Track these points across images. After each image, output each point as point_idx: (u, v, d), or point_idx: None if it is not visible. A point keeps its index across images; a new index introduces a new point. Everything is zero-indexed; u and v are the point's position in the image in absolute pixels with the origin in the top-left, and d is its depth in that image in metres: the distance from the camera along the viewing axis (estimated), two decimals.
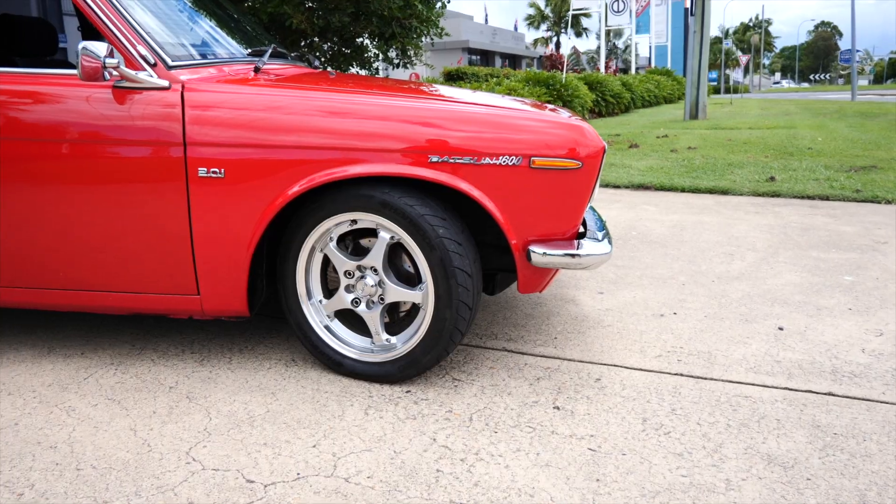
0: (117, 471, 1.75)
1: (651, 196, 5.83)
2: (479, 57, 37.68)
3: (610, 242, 2.28)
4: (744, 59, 38.11)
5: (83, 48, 1.98)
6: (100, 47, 2.00)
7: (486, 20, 43.69)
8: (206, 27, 2.72)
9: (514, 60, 42.50)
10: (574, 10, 17.33)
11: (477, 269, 2.16)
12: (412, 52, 8.93)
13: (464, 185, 2.07)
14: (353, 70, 8.94)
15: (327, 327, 2.28)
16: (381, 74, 9.30)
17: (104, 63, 2.00)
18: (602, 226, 2.50)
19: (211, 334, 2.65)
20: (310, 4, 7.97)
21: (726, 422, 1.98)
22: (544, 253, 2.11)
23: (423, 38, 8.80)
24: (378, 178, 2.11)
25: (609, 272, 3.51)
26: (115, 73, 2.07)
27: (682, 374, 2.30)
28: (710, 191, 5.93)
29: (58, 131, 2.13)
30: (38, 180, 2.17)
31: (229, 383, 2.25)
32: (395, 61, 8.95)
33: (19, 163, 2.16)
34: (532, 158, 2.06)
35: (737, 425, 1.96)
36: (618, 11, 23.92)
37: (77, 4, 2.17)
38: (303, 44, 8.13)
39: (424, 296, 2.14)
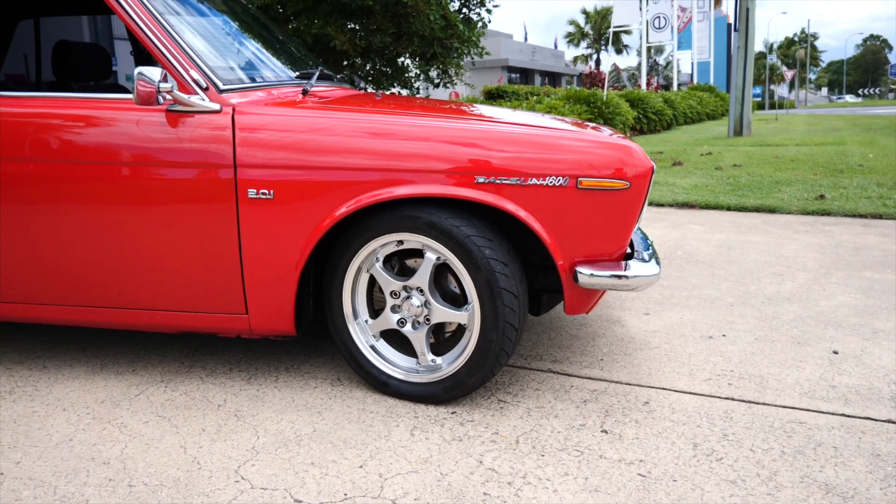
0: (168, 488, 1.78)
1: (696, 214, 5.75)
2: (518, 75, 37.77)
3: (658, 263, 2.25)
4: (789, 74, 37.49)
5: (138, 73, 2.04)
6: (154, 72, 2.05)
7: (526, 38, 43.81)
8: (255, 50, 2.78)
9: (553, 78, 42.50)
10: (615, 27, 17.26)
11: (523, 289, 2.15)
12: (453, 72, 9.00)
13: (510, 206, 2.07)
14: (395, 89, 9.04)
15: (373, 347, 2.29)
16: (422, 93, 9.37)
17: (158, 87, 2.06)
18: (648, 245, 2.47)
19: (257, 353, 2.68)
20: (352, 25, 8.11)
21: (781, 448, 1.93)
22: (591, 274, 2.09)
23: (464, 58, 8.86)
24: (424, 198, 2.12)
25: (655, 292, 3.46)
26: (168, 97, 2.12)
27: (733, 399, 2.25)
28: (758, 209, 5.82)
29: (113, 154, 2.19)
30: (93, 201, 2.23)
31: (276, 402, 2.27)
32: (436, 81, 9.03)
33: (75, 184, 2.22)
34: (579, 179, 2.05)
35: (792, 452, 1.91)
36: (659, 28, 23.77)
37: (132, 30, 2.24)
38: (345, 64, 8.25)
39: (470, 316, 2.13)
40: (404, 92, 9.11)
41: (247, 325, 2.27)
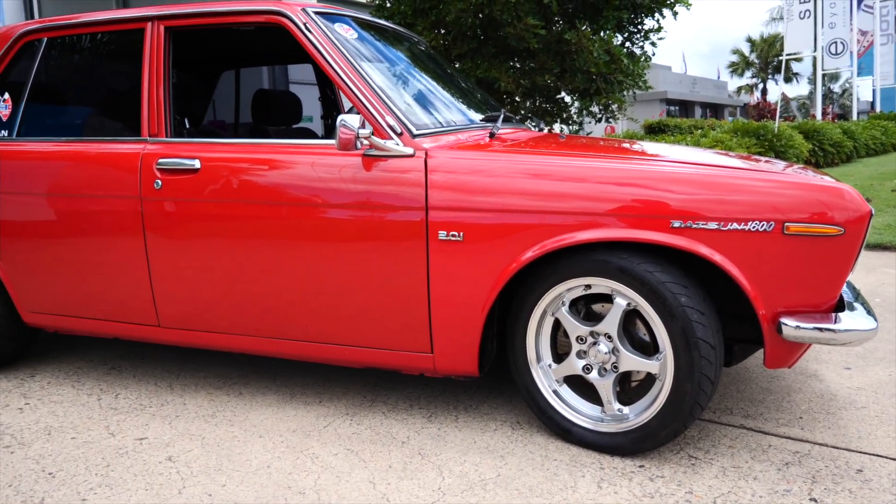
0: None
1: (892, 257, 5.23)
2: (677, 107, 36.62)
3: (874, 317, 2.05)
4: None
5: (341, 121, 2.15)
6: (354, 120, 2.16)
7: (685, 70, 42.49)
8: (440, 93, 2.86)
9: (715, 110, 40.81)
10: (787, 55, 16.31)
11: (719, 340, 2.03)
12: (615, 107, 8.85)
13: (704, 250, 1.97)
14: (556, 125, 9.03)
15: (556, 392, 2.24)
16: (585, 130, 9.28)
17: (357, 134, 2.16)
18: (857, 294, 2.26)
19: (436, 391, 2.71)
20: (514, 64, 8.21)
21: None
22: (797, 326, 1.94)
23: (627, 92, 8.70)
24: (611, 242, 2.07)
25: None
26: (365, 142, 2.22)
27: None
28: None
29: (311, 195, 2.32)
30: (289, 239, 2.37)
31: (458, 442, 2.27)
32: (598, 116, 8.91)
33: (274, 223, 2.37)
34: (785, 224, 1.91)
35: None
36: (836, 54, 22.19)
37: (333, 80, 2.38)
38: (506, 102, 8.36)
39: (662, 366, 2.04)
40: (566, 128, 9.07)
41: (431, 364, 2.30)
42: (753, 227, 1.93)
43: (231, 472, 2.12)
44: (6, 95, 2.94)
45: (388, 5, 7.51)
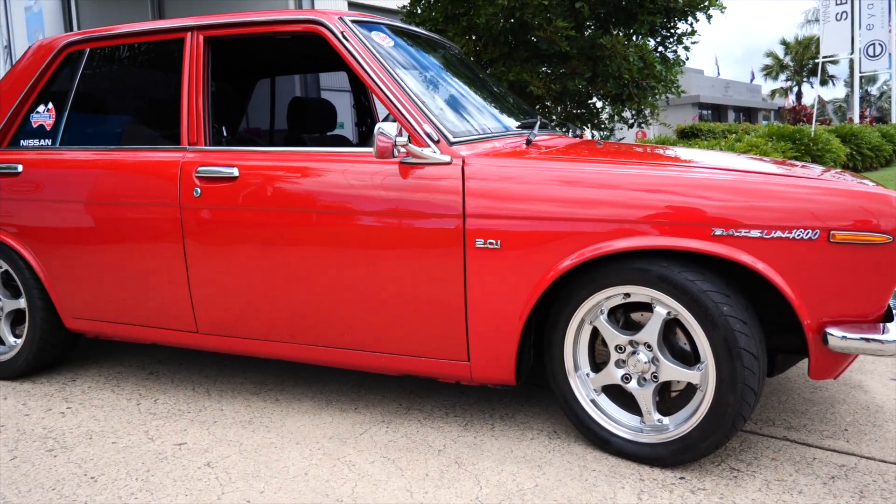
0: None
1: None
2: (709, 111, 36.20)
3: None
4: None
5: (379, 130, 2.16)
6: (392, 128, 2.17)
7: (718, 73, 41.98)
8: (476, 100, 2.86)
9: (748, 113, 40.27)
10: (823, 57, 16.03)
11: (762, 350, 1.99)
12: (648, 112, 8.77)
13: (746, 258, 1.94)
14: (587, 131, 8.97)
15: (594, 401, 2.22)
16: (616, 135, 9.21)
17: (395, 142, 2.17)
18: None
19: (471, 399, 2.70)
20: (546, 69, 8.18)
21: None
22: (843, 336, 1.89)
23: (659, 97, 8.61)
24: (650, 250, 2.04)
25: None
26: (402, 150, 2.23)
27: None
28: None
29: (347, 202, 2.33)
30: (325, 246, 2.37)
31: (494, 451, 2.26)
32: (630, 121, 8.84)
33: (310, 230, 2.38)
34: (831, 232, 1.87)
35: None
36: (874, 56, 21.75)
37: (370, 88, 2.39)
38: (537, 107, 8.33)
39: (703, 376, 2.01)
40: (596, 133, 9.01)
41: (468, 372, 2.29)
42: (798, 236, 1.89)
43: (269, 479, 2.13)
44: (50, 105, 3.00)
45: (419, 12, 7.54)
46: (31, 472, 2.21)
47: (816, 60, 19.20)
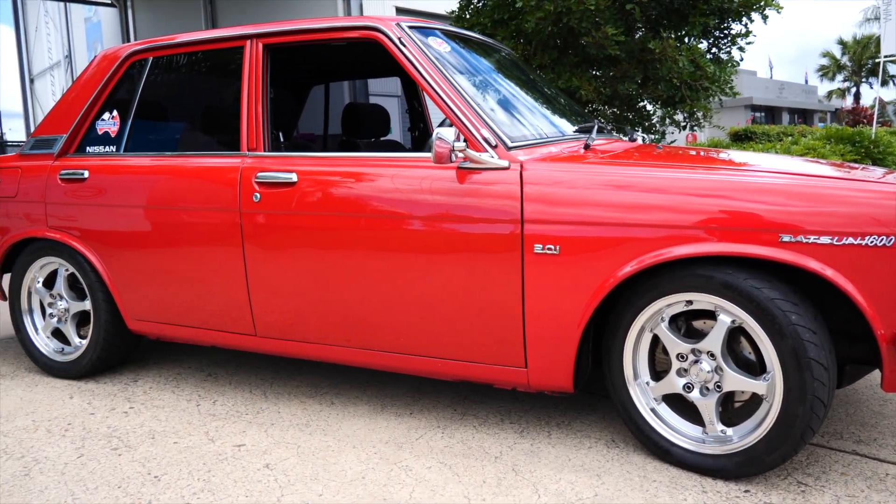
0: None
1: None
2: (763, 113, 35.38)
3: None
4: None
5: (437, 135, 2.16)
6: (450, 133, 2.17)
7: (771, 74, 41.00)
8: (532, 104, 2.84)
9: (803, 115, 39.22)
10: (885, 56, 15.51)
11: (832, 360, 1.92)
12: (700, 114, 8.61)
13: (814, 265, 1.88)
14: (639, 134, 8.85)
15: (653, 410, 2.18)
16: (667, 139, 9.07)
17: (453, 147, 2.17)
18: None
19: (526, 405, 2.68)
20: (596, 72, 8.10)
21: None
22: None
23: (713, 99, 8.45)
24: (712, 257, 2.00)
25: None
26: (460, 155, 2.22)
27: None
28: None
29: (406, 207, 2.33)
30: (381, 251, 2.38)
31: (551, 459, 2.23)
32: (683, 124, 8.69)
33: (367, 235, 2.39)
34: None
35: None
36: None
37: (427, 93, 2.39)
38: (587, 110, 8.26)
39: (770, 387, 1.95)
40: (647, 137, 8.89)
41: (525, 378, 2.27)
42: (871, 242, 1.83)
43: (327, 482, 2.15)
44: (115, 113, 3.09)
45: (468, 17, 7.54)
46: (98, 470, 2.27)
47: (876, 60, 18.60)
